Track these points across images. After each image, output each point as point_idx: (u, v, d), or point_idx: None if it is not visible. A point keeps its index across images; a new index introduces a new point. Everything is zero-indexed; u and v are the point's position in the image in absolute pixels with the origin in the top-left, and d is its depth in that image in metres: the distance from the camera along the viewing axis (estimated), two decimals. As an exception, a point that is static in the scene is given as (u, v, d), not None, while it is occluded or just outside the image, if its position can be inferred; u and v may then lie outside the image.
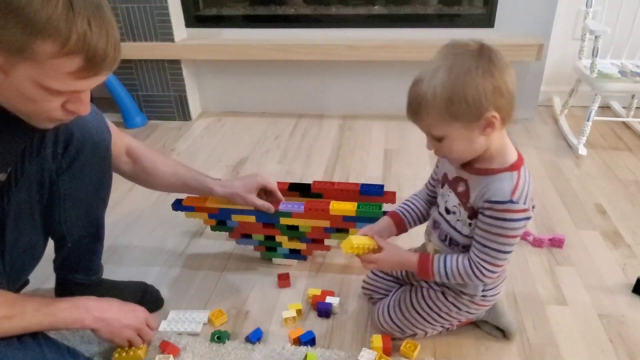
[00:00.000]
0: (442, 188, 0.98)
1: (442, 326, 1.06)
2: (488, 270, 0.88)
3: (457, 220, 0.93)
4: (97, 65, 0.70)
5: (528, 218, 0.84)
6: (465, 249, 0.93)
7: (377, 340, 1.05)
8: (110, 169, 1.06)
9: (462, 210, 0.91)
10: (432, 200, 1.07)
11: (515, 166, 0.85)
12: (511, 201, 0.82)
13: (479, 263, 0.88)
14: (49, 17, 0.65)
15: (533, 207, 0.87)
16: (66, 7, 0.65)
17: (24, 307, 0.85)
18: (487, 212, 0.84)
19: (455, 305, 1.01)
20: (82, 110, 0.78)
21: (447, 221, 0.96)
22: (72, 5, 0.66)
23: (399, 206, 1.09)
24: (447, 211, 0.95)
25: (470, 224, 0.90)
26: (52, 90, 0.72)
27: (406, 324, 1.04)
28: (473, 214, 0.89)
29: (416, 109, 0.80)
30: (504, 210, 0.82)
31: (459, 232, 0.93)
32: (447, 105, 0.76)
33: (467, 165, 0.89)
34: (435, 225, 1.00)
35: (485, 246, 0.86)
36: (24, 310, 0.84)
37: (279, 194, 1.23)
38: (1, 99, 0.75)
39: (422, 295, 1.04)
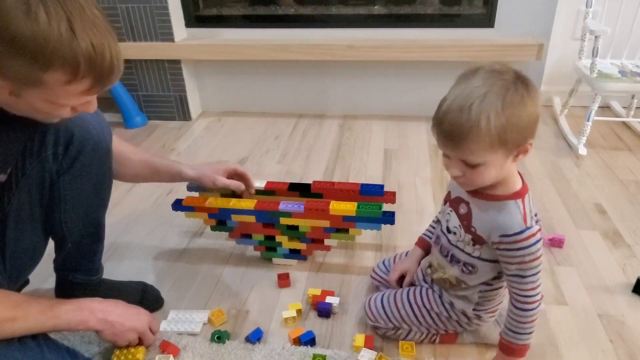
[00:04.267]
0: (444, 205, 0.99)
1: (427, 329, 1.05)
2: (536, 293, 0.88)
3: (458, 240, 0.94)
4: (105, 80, 0.73)
5: (541, 239, 0.86)
6: (467, 266, 0.94)
7: (360, 339, 1.06)
8: (111, 170, 1.06)
9: (462, 232, 0.92)
10: None
11: (520, 193, 0.86)
12: (527, 228, 0.83)
13: (528, 293, 0.87)
14: (54, 49, 0.66)
15: (537, 222, 0.89)
16: (69, 33, 0.66)
17: (28, 309, 0.84)
18: (511, 246, 0.84)
19: (447, 311, 1.02)
20: (90, 110, 0.81)
21: (448, 240, 0.97)
22: (74, 28, 0.66)
23: (425, 231, 1.13)
24: (448, 230, 0.96)
25: (473, 245, 0.91)
26: (63, 105, 0.75)
27: (394, 313, 1.05)
28: (478, 240, 0.90)
29: (461, 136, 0.76)
30: (524, 239, 0.83)
31: (461, 250, 0.94)
32: (500, 133, 0.74)
33: (474, 192, 0.89)
34: (437, 240, 1.02)
35: (524, 277, 0.87)
36: (27, 313, 0.84)
37: (251, 180, 1.27)
38: (10, 110, 0.77)
39: (420, 291, 1.05)
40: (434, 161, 1.90)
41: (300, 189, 1.31)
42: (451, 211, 0.95)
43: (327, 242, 1.30)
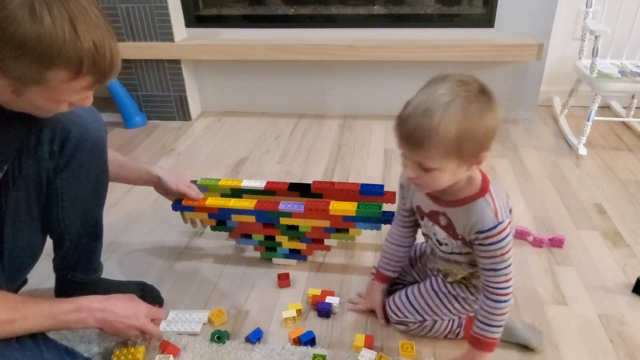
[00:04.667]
0: (422, 220, 1.00)
1: (457, 315, 1.06)
2: (509, 286, 0.90)
3: (453, 248, 0.97)
4: (105, 77, 0.76)
5: (511, 229, 0.88)
6: (472, 262, 0.97)
7: (360, 339, 1.06)
8: (107, 167, 1.06)
9: (452, 240, 0.95)
10: (410, 229, 1.08)
11: (484, 188, 0.88)
12: (499, 223, 0.86)
13: (501, 285, 0.90)
14: (59, 49, 0.68)
15: (510, 211, 0.90)
16: (72, 33, 0.69)
17: (26, 310, 0.85)
18: (485, 241, 0.88)
19: (473, 294, 1.03)
20: (87, 104, 0.83)
21: (443, 251, 1.00)
22: (76, 28, 0.69)
23: (380, 262, 1.13)
24: (439, 243, 0.99)
25: (466, 246, 0.94)
26: (64, 101, 0.78)
27: (420, 304, 1.06)
28: (466, 243, 0.92)
29: (421, 140, 0.77)
30: (496, 234, 0.86)
31: (459, 254, 0.97)
32: (457, 142, 0.76)
33: (437, 199, 0.92)
34: (433, 252, 1.05)
35: (498, 270, 0.89)
36: (26, 314, 0.84)
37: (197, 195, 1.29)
38: (9, 107, 0.79)
39: (430, 282, 1.07)
40: (434, 161, 1.90)
41: (300, 189, 1.31)
42: (434, 225, 0.97)
43: (327, 242, 1.30)
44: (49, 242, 1.09)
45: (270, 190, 1.32)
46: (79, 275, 1.13)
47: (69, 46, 0.69)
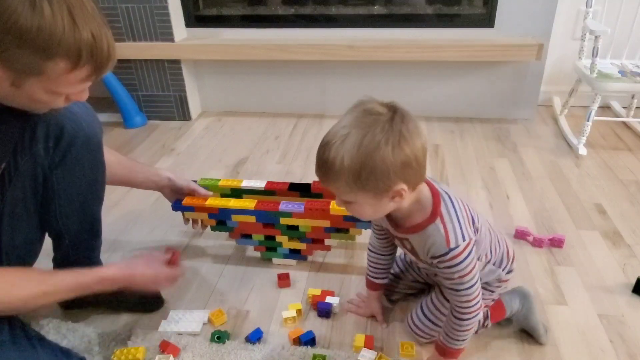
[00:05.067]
0: (395, 240, 1.00)
1: None
2: (472, 305, 0.90)
3: (424, 268, 0.99)
4: (103, 67, 0.77)
5: (472, 248, 0.86)
6: None
7: (360, 339, 1.06)
8: (104, 163, 1.06)
9: (420, 262, 0.96)
10: (387, 241, 1.07)
11: (434, 212, 0.85)
12: (450, 250, 0.84)
13: (463, 305, 0.90)
14: (59, 39, 0.70)
15: (475, 221, 0.90)
16: (71, 24, 0.70)
17: (56, 285, 0.91)
18: (440, 265, 0.87)
19: (485, 288, 1.02)
20: (83, 98, 0.84)
21: (422, 267, 1.03)
22: (75, 19, 0.71)
23: (367, 271, 1.13)
24: (411, 261, 1.02)
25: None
26: (62, 93, 0.79)
27: (433, 327, 1.04)
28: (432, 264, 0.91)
29: (324, 173, 0.78)
30: (449, 259, 0.85)
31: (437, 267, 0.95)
32: (354, 178, 0.75)
33: (397, 226, 0.91)
34: (412, 264, 1.09)
35: (457, 290, 0.89)
36: (56, 288, 0.90)
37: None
38: (6, 102, 0.79)
39: (441, 292, 1.04)
40: (434, 161, 1.90)
41: (301, 189, 1.31)
42: (403, 247, 0.98)
43: (327, 242, 1.30)
44: (48, 242, 1.09)
45: (270, 190, 1.32)
46: None
47: (69, 36, 0.70)
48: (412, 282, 1.17)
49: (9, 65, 0.71)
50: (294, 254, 1.33)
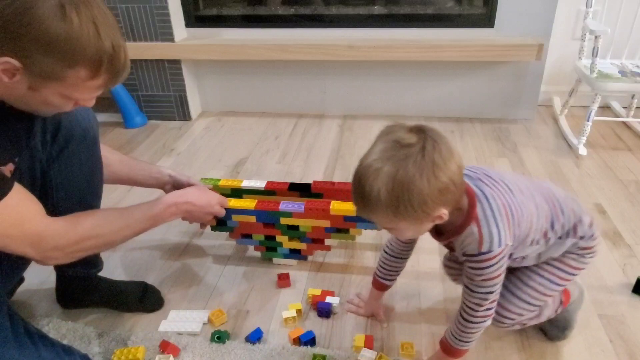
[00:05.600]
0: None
1: (558, 291, 0.99)
2: (482, 310, 0.89)
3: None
4: (118, 77, 0.81)
5: (505, 255, 0.84)
6: (516, 261, 0.95)
7: (360, 339, 1.06)
8: (100, 158, 1.07)
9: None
10: (407, 244, 1.06)
11: (470, 215, 0.83)
12: (481, 253, 0.83)
13: (474, 307, 0.89)
14: (83, 49, 0.73)
15: (515, 216, 0.85)
16: (95, 35, 0.74)
17: (131, 217, 1.00)
18: (467, 264, 0.87)
19: (567, 262, 0.96)
20: (90, 105, 0.86)
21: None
22: (99, 30, 0.74)
23: (377, 270, 1.12)
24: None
25: None
26: (74, 99, 0.81)
27: (524, 306, 0.96)
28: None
29: (362, 207, 0.79)
30: (478, 261, 0.84)
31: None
32: (393, 211, 0.76)
33: (439, 235, 0.90)
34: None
35: (473, 291, 0.88)
36: (134, 219, 1.00)
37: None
38: (17, 104, 0.81)
39: (534, 271, 0.97)
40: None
41: (301, 189, 1.31)
42: (446, 246, 0.97)
43: (327, 242, 1.30)
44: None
45: (270, 190, 1.32)
46: (79, 270, 1.14)
47: (93, 45, 0.74)
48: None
49: (32, 69, 0.73)
50: (294, 254, 1.33)
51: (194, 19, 2.29)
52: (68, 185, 1.01)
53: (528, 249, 0.91)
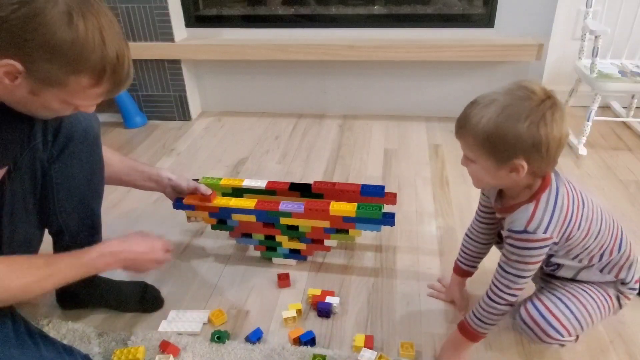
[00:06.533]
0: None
1: (600, 316, 0.96)
2: (507, 294, 0.90)
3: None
4: (120, 86, 0.82)
5: (546, 246, 0.85)
6: (550, 266, 0.96)
7: (360, 339, 1.06)
8: (102, 158, 1.07)
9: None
10: (486, 226, 1.07)
11: (534, 196, 0.86)
12: (526, 231, 0.84)
13: (500, 287, 0.90)
14: (88, 56, 0.73)
15: (572, 229, 0.86)
16: (100, 43, 0.74)
17: (59, 265, 0.90)
18: (508, 240, 0.88)
19: (608, 292, 0.96)
20: (90, 111, 0.86)
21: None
22: (104, 39, 0.75)
23: (459, 254, 1.15)
24: None
25: None
26: (76, 105, 0.81)
27: (575, 324, 0.92)
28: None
29: (461, 126, 0.84)
30: (520, 239, 0.85)
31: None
32: (483, 139, 0.79)
33: (501, 207, 0.93)
34: None
35: (505, 271, 0.89)
36: (60, 267, 0.90)
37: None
38: (17, 107, 0.81)
39: (580, 288, 0.96)
40: (434, 161, 1.90)
41: (301, 189, 1.31)
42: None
43: (327, 242, 1.30)
44: (48, 242, 1.09)
45: (271, 190, 1.32)
46: None
47: (97, 53, 0.74)
48: None
49: (35, 74, 0.73)
50: (294, 254, 1.33)
51: (194, 19, 2.29)
52: (69, 185, 1.02)
53: (569, 261, 0.93)
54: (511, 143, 0.77)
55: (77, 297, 1.17)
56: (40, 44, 0.70)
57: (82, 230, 1.09)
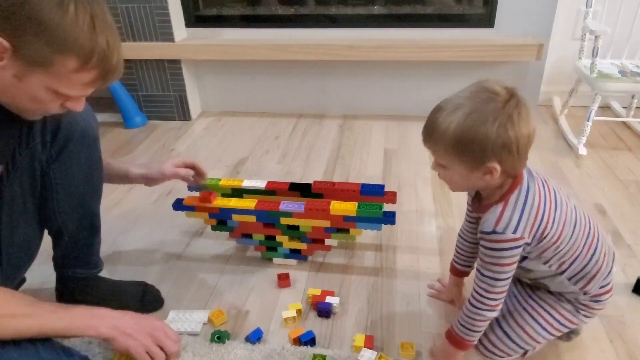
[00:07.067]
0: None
1: (549, 335, 0.98)
2: (487, 298, 0.89)
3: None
4: (109, 76, 0.80)
5: (518, 247, 0.84)
6: (522, 269, 0.95)
7: (360, 339, 1.06)
8: (101, 158, 1.07)
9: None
10: (474, 225, 1.07)
11: (503, 197, 0.86)
12: (494, 232, 0.84)
13: (480, 292, 0.90)
14: (76, 37, 0.73)
15: (544, 229, 0.85)
16: (90, 27, 0.74)
17: (41, 308, 0.85)
18: (481, 242, 0.88)
19: (570, 302, 0.97)
20: (78, 108, 0.85)
21: None
22: (95, 25, 0.74)
23: (454, 256, 1.15)
24: None
25: None
26: (61, 94, 0.79)
27: (522, 337, 0.97)
28: None
29: (429, 134, 0.84)
30: (490, 240, 0.85)
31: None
32: (454, 145, 0.79)
33: (476, 205, 0.94)
34: None
35: (482, 274, 0.89)
36: (41, 310, 0.84)
37: (203, 169, 1.29)
38: (3, 97, 0.79)
39: (531, 298, 1.00)
40: (434, 161, 1.90)
41: (301, 189, 1.31)
42: None
43: (327, 242, 1.30)
44: (48, 242, 1.09)
45: (271, 190, 1.32)
46: (79, 270, 1.14)
47: (86, 36, 0.73)
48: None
49: (21, 51, 0.72)
50: (294, 253, 1.33)
51: (194, 19, 2.29)
52: (68, 185, 1.01)
53: (540, 265, 0.91)
54: (482, 147, 0.78)
55: (77, 297, 1.17)
56: (28, 17, 0.70)
57: (81, 231, 1.09)
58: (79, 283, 1.15)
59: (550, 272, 0.92)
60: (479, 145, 0.78)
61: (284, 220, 1.24)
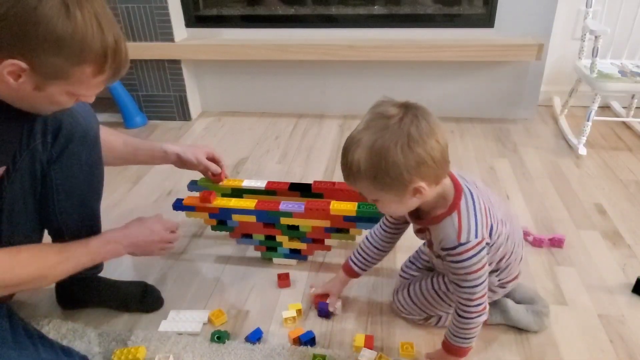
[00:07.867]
0: (414, 232, 1.01)
1: (449, 308, 1.06)
2: (475, 304, 0.90)
3: (439, 264, 1.01)
4: (120, 71, 0.82)
5: (483, 249, 0.86)
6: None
7: (360, 339, 1.06)
8: (101, 158, 1.07)
9: (434, 257, 0.98)
10: (390, 235, 1.09)
11: (453, 206, 0.86)
12: (460, 244, 0.85)
13: (465, 303, 0.90)
14: (90, 44, 0.74)
15: (492, 232, 0.88)
16: (98, 28, 0.75)
17: (69, 251, 0.95)
18: (448, 258, 0.88)
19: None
20: (90, 101, 0.87)
21: (433, 263, 1.07)
22: (101, 23, 0.75)
23: (352, 255, 1.14)
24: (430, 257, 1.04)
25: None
26: (79, 95, 0.82)
27: (423, 303, 1.07)
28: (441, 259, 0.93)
29: (346, 177, 0.82)
30: (458, 254, 0.85)
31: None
32: (371, 180, 0.78)
33: (417, 218, 0.92)
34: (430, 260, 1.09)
35: (460, 287, 0.89)
36: (69, 254, 0.95)
37: (225, 167, 1.34)
38: (21, 104, 0.82)
39: (432, 280, 1.07)
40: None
41: (301, 189, 1.31)
42: (422, 240, 0.99)
43: (327, 242, 1.30)
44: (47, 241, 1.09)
45: (270, 190, 1.32)
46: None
47: (97, 40, 0.75)
48: (427, 268, 1.18)
49: (40, 69, 0.74)
50: (294, 253, 1.33)
51: (194, 19, 2.29)
52: (68, 186, 1.01)
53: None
54: (397, 174, 0.76)
55: (77, 297, 1.17)
56: (42, 37, 0.71)
57: (81, 231, 1.08)
58: (79, 283, 1.15)
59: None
60: (394, 173, 0.76)
61: (284, 220, 1.24)
